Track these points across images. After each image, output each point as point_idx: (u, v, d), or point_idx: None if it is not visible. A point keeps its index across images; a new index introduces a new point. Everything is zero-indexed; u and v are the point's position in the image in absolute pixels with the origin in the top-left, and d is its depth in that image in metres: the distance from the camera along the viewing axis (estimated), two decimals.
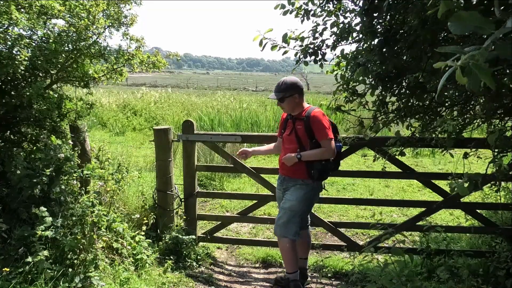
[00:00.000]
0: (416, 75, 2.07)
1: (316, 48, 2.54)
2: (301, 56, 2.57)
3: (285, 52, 2.59)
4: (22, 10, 2.83)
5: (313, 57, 2.55)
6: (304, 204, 2.90)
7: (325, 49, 2.55)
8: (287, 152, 2.93)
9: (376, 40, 2.19)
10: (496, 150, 2.00)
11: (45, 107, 3.18)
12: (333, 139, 2.79)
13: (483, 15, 0.88)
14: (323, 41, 2.53)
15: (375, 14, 2.12)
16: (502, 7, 1.18)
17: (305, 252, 3.25)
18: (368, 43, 2.26)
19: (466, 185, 1.71)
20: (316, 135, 2.80)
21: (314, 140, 2.82)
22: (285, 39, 2.55)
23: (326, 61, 2.59)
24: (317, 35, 2.53)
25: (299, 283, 3.01)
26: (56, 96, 3.30)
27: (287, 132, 2.99)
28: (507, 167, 1.85)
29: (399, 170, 3.39)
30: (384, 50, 2.08)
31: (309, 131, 2.81)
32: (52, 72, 3.19)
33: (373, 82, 2.36)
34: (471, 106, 2.39)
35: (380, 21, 2.19)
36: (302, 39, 2.56)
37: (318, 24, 2.52)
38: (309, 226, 3.26)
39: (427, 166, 7.68)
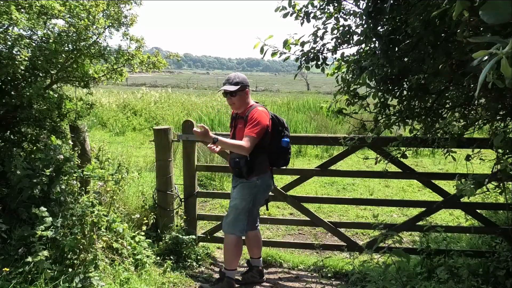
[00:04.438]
0: (418, 77, 2.06)
1: (317, 52, 2.54)
2: (303, 62, 2.59)
3: (286, 58, 2.63)
4: (22, 10, 2.82)
5: (314, 62, 2.57)
6: (247, 202, 2.93)
7: (326, 53, 2.56)
8: (231, 152, 2.95)
9: (380, 43, 2.18)
10: (500, 151, 2.00)
11: (45, 107, 3.18)
12: (255, 137, 2.71)
13: None
14: (324, 45, 2.54)
15: (378, 17, 2.11)
16: None
17: (257, 253, 3.35)
18: (370, 45, 2.25)
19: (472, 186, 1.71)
20: (246, 129, 2.77)
21: None
22: (286, 45, 2.58)
23: (327, 65, 2.60)
24: (317, 39, 2.54)
25: (233, 282, 3.11)
26: (56, 96, 3.29)
27: (231, 131, 3.02)
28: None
29: (399, 170, 3.39)
30: (389, 52, 2.07)
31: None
32: (52, 72, 3.18)
33: (376, 85, 2.35)
34: (473, 107, 2.38)
35: (384, 23, 2.18)
36: (303, 43, 2.58)
37: (319, 29, 2.53)
38: (258, 227, 3.26)
39: (427, 166, 7.69)
